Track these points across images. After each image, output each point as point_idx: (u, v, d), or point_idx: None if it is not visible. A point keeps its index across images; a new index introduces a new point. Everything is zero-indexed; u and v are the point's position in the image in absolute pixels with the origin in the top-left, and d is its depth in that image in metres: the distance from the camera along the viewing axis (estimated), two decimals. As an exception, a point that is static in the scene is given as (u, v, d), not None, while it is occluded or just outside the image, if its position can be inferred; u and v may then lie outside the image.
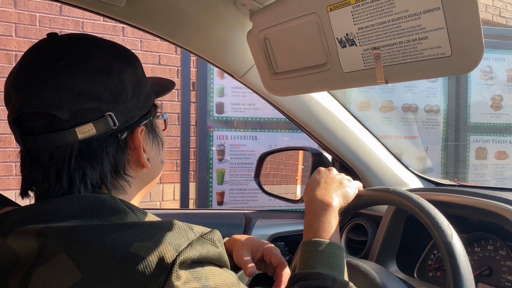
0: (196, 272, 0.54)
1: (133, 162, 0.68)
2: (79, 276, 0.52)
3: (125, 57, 0.68)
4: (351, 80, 0.82)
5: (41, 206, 0.60)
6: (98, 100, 0.62)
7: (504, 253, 1.01)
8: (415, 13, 0.66)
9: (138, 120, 0.67)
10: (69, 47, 0.64)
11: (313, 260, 0.73)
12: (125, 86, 0.65)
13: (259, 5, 0.93)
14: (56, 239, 0.55)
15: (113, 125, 0.63)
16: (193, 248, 0.54)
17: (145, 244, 0.53)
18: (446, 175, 3.48)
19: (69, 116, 0.60)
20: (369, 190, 0.95)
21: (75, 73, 0.61)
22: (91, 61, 0.63)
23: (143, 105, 0.68)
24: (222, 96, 3.20)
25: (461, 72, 0.66)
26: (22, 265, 0.56)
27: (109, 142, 0.64)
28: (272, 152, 1.65)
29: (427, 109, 3.47)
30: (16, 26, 2.90)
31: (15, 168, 2.88)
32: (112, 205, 0.60)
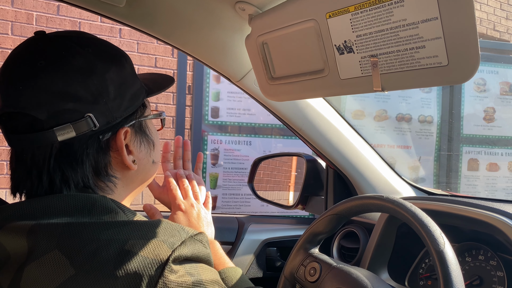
0: (189, 268, 0.56)
1: (118, 163, 0.67)
2: (72, 271, 0.52)
3: (111, 56, 0.66)
4: (348, 87, 0.83)
5: (32, 203, 0.60)
6: (77, 101, 0.61)
7: (495, 264, 1.01)
8: (413, 22, 0.67)
9: (122, 121, 0.66)
10: (52, 46, 0.63)
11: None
12: (106, 86, 0.63)
13: (258, 10, 0.93)
14: (49, 236, 0.55)
15: (93, 126, 0.62)
16: (186, 246, 0.56)
17: (140, 242, 0.54)
18: (438, 185, 3.50)
19: (47, 116, 0.60)
20: (362, 197, 0.95)
21: (54, 73, 0.61)
22: (72, 61, 0.62)
23: (127, 105, 0.67)
24: (218, 100, 3.20)
25: (458, 81, 0.66)
26: (13, 262, 0.56)
27: (90, 143, 0.63)
28: (266, 157, 1.65)
29: (421, 119, 3.49)
30: (12, 24, 2.89)
31: (6, 166, 2.85)
32: (103, 204, 0.60)
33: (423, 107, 3.50)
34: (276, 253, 1.48)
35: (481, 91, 3.61)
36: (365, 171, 1.36)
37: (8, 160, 0.66)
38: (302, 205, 1.51)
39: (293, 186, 2.18)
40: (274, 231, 1.50)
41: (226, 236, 1.43)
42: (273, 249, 1.48)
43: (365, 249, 1.19)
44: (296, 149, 3.18)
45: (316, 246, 1.02)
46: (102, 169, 0.65)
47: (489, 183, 3.61)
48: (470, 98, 3.58)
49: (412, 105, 3.48)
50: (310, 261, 0.97)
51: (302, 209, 1.53)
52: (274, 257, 1.47)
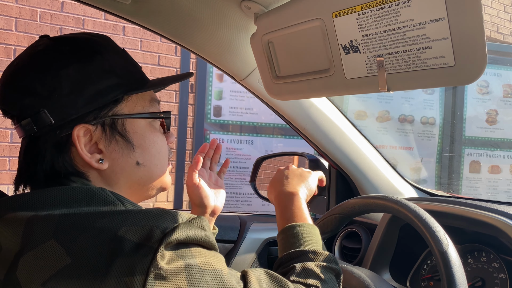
0: (181, 252, 0.55)
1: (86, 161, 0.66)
2: (68, 260, 0.53)
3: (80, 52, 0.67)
4: (354, 86, 0.83)
5: (33, 195, 0.61)
6: (33, 96, 0.64)
7: (497, 265, 1.01)
8: (420, 22, 0.67)
9: (79, 117, 0.65)
10: (31, 47, 0.68)
11: (291, 242, 0.77)
12: (59, 82, 0.64)
13: (264, 9, 0.93)
14: (45, 226, 0.56)
15: (49, 122, 0.64)
16: (180, 229, 0.55)
17: (133, 228, 0.54)
18: (439, 186, 3.50)
19: (18, 112, 0.65)
20: (365, 197, 0.95)
21: (22, 71, 0.66)
22: (36, 58, 0.66)
23: (86, 102, 0.65)
24: (220, 99, 3.20)
25: (464, 82, 0.66)
26: (8, 252, 0.57)
27: (49, 139, 0.65)
28: (269, 156, 1.65)
29: (423, 120, 3.49)
30: (16, 21, 2.90)
31: (8, 162, 2.86)
32: (102, 196, 0.60)
33: (426, 109, 3.49)
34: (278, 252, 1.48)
35: (484, 93, 3.60)
36: (368, 171, 1.36)
37: (10, 156, 0.69)
38: (304, 205, 1.51)
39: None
40: (276, 230, 1.49)
41: (228, 235, 1.43)
42: (275, 248, 1.48)
43: (367, 249, 1.19)
44: (297, 149, 3.18)
45: (319, 245, 1.02)
46: (61, 165, 0.65)
47: (491, 185, 3.61)
48: (472, 100, 3.58)
49: (414, 106, 3.48)
50: (313, 260, 0.97)
51: (304, 208, 1.53)
52: (276, 256, 1.47)
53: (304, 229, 0.78)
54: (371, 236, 1.23)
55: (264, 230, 1.48)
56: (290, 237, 0.78)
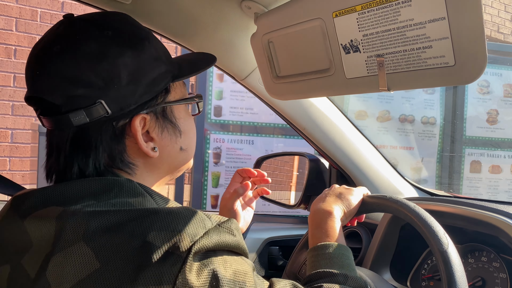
0: (209, 260, 0.54)
1: (137, 150, 0.66)
2: (97, 265, 0.52)
3: (130, 39, 0.64)
4: (354, 86, 0.83)
5: (61, 187, 0.60)
6: (88, 86, 0.60)
7: (498, 265, 1.01)
8: (420, 22, 0.67)
9: (138, 107, 0.64)
10: (69, 30, 0.63)
11: (321, 262, 0.74)
12: (118, 72, 0.61)
13: (264, 9, 0.93)
14: (75, 227, 0.55)
15: (105, 112, 0.61)
16: (209, 236, 0.54)
17: (161, 233, 0.53)
18: (440, 186, 3.50)
19: (62, 101, 0.60)
20: (366, 197, 0.95)
21: (67, 58, 0.61)
22: (84, 46, 0.61)
23: (144, 91, 0.64)
24: (221, 99, 3.20)
25: (464, 82, 0.66)
26: (39, 251, 0.56)
27: (104, 130, 0.62)
28: (269, 156, 1.65)
29: (424, 120, 3.49)
30: (17, 21, 2.90)
31: (9, 163, 2.86)
32: (130, 188, 0.60)
33: (426, 108, 3.49)
34: (278, 252, 1.48)
35: (485, 93, 3.60)
36: (368, 171, 1.36)
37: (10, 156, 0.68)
38: (305, 205, 1.51)
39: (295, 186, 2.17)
40: (277, 230, 1.50)
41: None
42: (275, 248, 1.48)
43: (368, 249, 1.19)
44: (298, 149, 3.18)
45: (319, 245, 1.02)
46: (117, 156, 0.64)
47: (491, 185, 3.60)
48: (473, 100, 3.58)
49: (415, 106, 3.48)
50: (313, 260, 0.97)
51: (304, 208, 1.53)
52: (276, 256, 1.47)
53: (337, 250, 0.76)
54: (371, 236, 1.23)
55: (265, 230, 1.48)
56: (321, 256, 0.75)
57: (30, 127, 2.94)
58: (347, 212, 0.87)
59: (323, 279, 0.70)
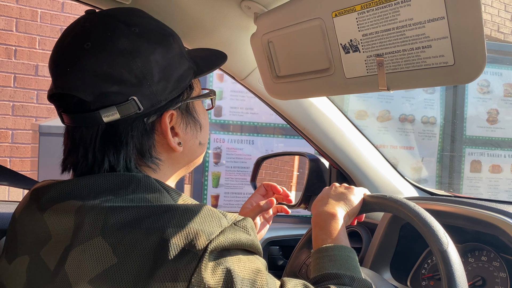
0: (224, 259, 0.55)
1: (163, 146, 0.67)
2: (114, 260, 0.53)
3: (158, 36, 0.65)
4: (353, 86, 0.83)
5: (79, 182, 0.61)
6: (121, 83, 0.61)
7: (498, 265, 1.01)
8: (420, 21, 0.67)
9: (167, 104, 0.65)
10: (98, 27, 0.63)
11: (326, 264, 0.74)
12: (151, 69, 0.62)
13: (264, 9, 0.93)
14: (94, 222, 0.56)
15: (137, 109, 0.62)
16: (225, 235, 0.55)
17: (178, 230, 0.54)
18: (440, 186, 3.49)
19: (93, 98, 0.61)
20: (366, 197, 0.95)
21: (100, 55, 0.61)
22: (116, 43, 0.61)
23: (173, 87, 0.65)
24: (221, 99, 3.21)
25: (464, 81, 0.66)
26: (58, 243, 0.58)
27: (135, 126, 0.64)
28: (269, 156, 1.65)
29: (424, 120, 3.49)
30: (17, 21, 2.90)
31: (9, 163, 2.86)
32: (147, 184, 0.61)
33: (426, 108, 3.49)
34: (279, 252, 1.48)
35: (485, 92, 3.60)
36: (368, 171, 1.36)
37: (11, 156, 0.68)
38: (305, 205, 1.51)
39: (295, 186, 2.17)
40: (277, 230, 1.50)
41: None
42: (276, 248, 1.48)
43: (368, 249, 1.19)
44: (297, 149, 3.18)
45: (319, 245, 1.02)
46: (147, 151, 0.65)
47: (492, 185, 3.60)
48: (473, 99, 3.58)
49: (415, 106, 3.48)
50: (313, 260, 0.97)
51: (304, 208, 1.53)
52: (276, 256, 1.47)
53: (342, 252, 0.76)
54: (371, 235, 1.23)
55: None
56: (326, 258, 0.75)
57: (30, 128, 2.94)
58: (350, 213, 0.87)
59: (329, 281, 0.70)
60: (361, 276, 0.74)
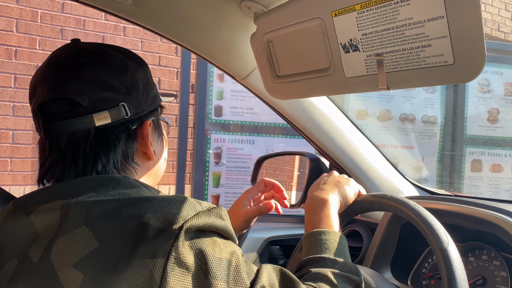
0: (199, 240, 0.59)
1: (140, 153, 0.75)
2: (97, 244, 0.58)
3: (137, 60, 0.76)
4: (353, 85, 0.83)
5: (63, 185, 0.66)
6: (114, 91, 0.69)
7: (498, 264, 1.01)
8: (419, 21, 0.67)
9: (147, 114, 0.75)
10: (90, 48, 0.72)
11: (313, 248, 0.77)
12: (137, 82, 0.72)
13: (264, 8, 0.94)
14: (78, 214, 0.61)
15: (125, 114, 0.70)
16: (199, 217, 0.60)
17: (156, 215, 0.59)
18: (441, 185, 3.49)
19: (88, 103, 0.68)
20: (366, 196, 0.95)
21: (96, 66, 0.70)
22: (110, 59, 0.71)
23: (151, 102, 0.75)
24: (221, 99, 3.21)
25: (463, 80, 0.66)
26: (43, 239, 0.61)
27: (121, 130, 0.71)
28: (270, 156, 1.65)
29: (424, 119, 3.49)
30: (17, 22, 2.90)
31: (10, 163, 2.86)
32: (126, 182, 0.66)
33: (427, 108, 3.49)
34: (279, 252, 1.48)
35: (485, 92, 3.60)
36: (369, 170, 1.36)
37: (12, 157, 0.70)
38: (305, 204, 1.52)
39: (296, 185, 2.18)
40: (277, 229, 1.50)
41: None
42: (276, 247, 1.48)
43: (368, 248, 1.19)
44: (298, 148, 3.18)
45: (320, 244, 1.02)
46: (130, 155, 0.72)
47: (492, 184, 3.60)
48: (474, 98, 3.57)
49: (415, 106, 3.48)
50: (314, 259, 0.97)
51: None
52: (277, 255, 1.47)
53: (329, 236, 0.78)
54: (372, 235, 1.23)
55: (265, 230, 1.48)
56: (314, 243, 0.78)
57: (31, 128, 2.94)
58: (343, 202, 0.90)
59: (312, 265, 0.73)
60: (348, 259, 0.76)
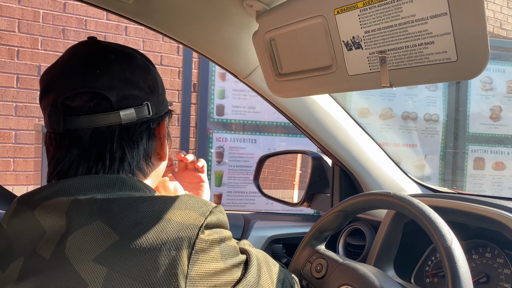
0: (216, 230, 0.65)
1: (155, 153, 0.76)
2: (116, 237, 0.58)
3: (151, 63, 0.78)
4: (356, 83, 0.83)
5: (68, 182, 0.66)
6: (140, 89, 0.71)
7: (502, 261, 1.01)
8: (422, 18, 0.67)
9: (164, 114, 0.77)
10: (113, 47, 0.73)
11: None
12: (157, 83, 0.75)
13: (266, 6, 0.93)
14: (90, 209, 0.61)
15: (148, 113, 0.71)
16: (213, 215, 0.65)
17: (176, 212, 0.62)
18: (444, 183, 3.49)
19: (116, 99, 0.68)
20: (369, 194, 0.95)
21: (123, 65, 0.71)
22: (134, 59, 0.73)
23: (166, 104, 0.78)
24: (223, 98, 3.21)
25: (466, 77, 0.66)
26: (52, 235, 0.61)
27: (143, 129, 0.72)
28: (272, 154, 1.65)
29: (427, 117, 3.48)
30: (19, 22, 2.91)
31: (13, 163, 2.87)
32: (131, 183, 0.67)
33: (429, 105, 3.48)
34: (282, 250, 1.48)
35: (488, 89, 3.59)
36: (371, 168, 1.36)
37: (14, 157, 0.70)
38: (308, 203, 1.52)
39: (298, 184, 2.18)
40: (280, 228, 1.50)
41: (232, 233, 1.43)
42: (279, 246, 1.48)
43: (371, 246, 1.19)
44: (300, 147, 3.18)
45: (323, 243, 1.02)
46: (150, 153, 0.74)
47: (495, 181, 3.59)
48: (476, 96, 3.57)
49: (418, 103, 3.47)
50: (317, 257, 0.97)
51: (307, 206, 1.53)
52: (280, 253, 1.47)
53: None
54: (375, 232, 1.23)
55: (268, 228, 1.48)
56: None
57: (33, 128, 2.95)
58: None
59: None
60: None
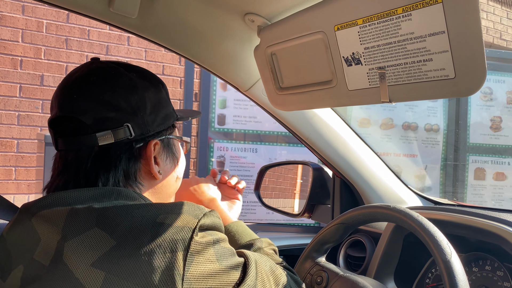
0: (209, 232, 0.66)
1: (146, 172, 0.76)
2: (113, 242, 0.60)
3: (151, 80, 0.78)
4: (356, 98, 0.84)
5: (66, 193, 0.68)
6: (118, 111, 0.71)
7: (502, 274, 1.01)
8: (421, 35, 0.68)
9: (154, 134, 0.76)
10: (102, 68, 0.74)
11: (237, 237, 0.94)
12: (145, 103, 0.74)
13: (267, 22, 0.95)
14: (87, 217, 0.63)
15: (129, 135, 0.71)
16: (207, 217, 0.66)
17: (169, 215, 0.63)
18: (444, 194, 3.48)
19: (92, 122, 0.70)
20: (369, 206, 0.96)
21: (103, 86, 0.71)
22: (118, 79, 0.73)
23: (160, 122, 0.76)
24: (224, 108, 3.22)
25: (464, 94, 0.67)
26: (47, 242, 0.63)
27: (124, 150, 0.72)
28: (273, 165, 1.66)
29: (427, 128, 3.49)
30: (23, 32, 2.94)
31: (14, 172, 2.88)
32: (127, 194, 0.69)
33: (430, 116, 3.49)
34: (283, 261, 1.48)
35: (488, 100, 3.60)
36: (372, 180, 1.37)
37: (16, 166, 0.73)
38: (309, 214, 1.52)
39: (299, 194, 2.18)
40: (281, 239, 1.50)
41: (232, 244, 1.43)
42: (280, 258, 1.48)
43: (372, 258, 1.19)
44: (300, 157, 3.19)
45: (323, 255, 1.02)
46: (132, 175, 0.73)
47: (496, 192, 3.59)
48: (476, 107, 3.58)
49: (418, 114, 3.48)
50: (317, 269, 0.98)
51: (308, 217, 1.53)
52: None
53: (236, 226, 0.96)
54: (375, 245, 1.24)
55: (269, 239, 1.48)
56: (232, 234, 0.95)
57: (35, 137, 2.96)
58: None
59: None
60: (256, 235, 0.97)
